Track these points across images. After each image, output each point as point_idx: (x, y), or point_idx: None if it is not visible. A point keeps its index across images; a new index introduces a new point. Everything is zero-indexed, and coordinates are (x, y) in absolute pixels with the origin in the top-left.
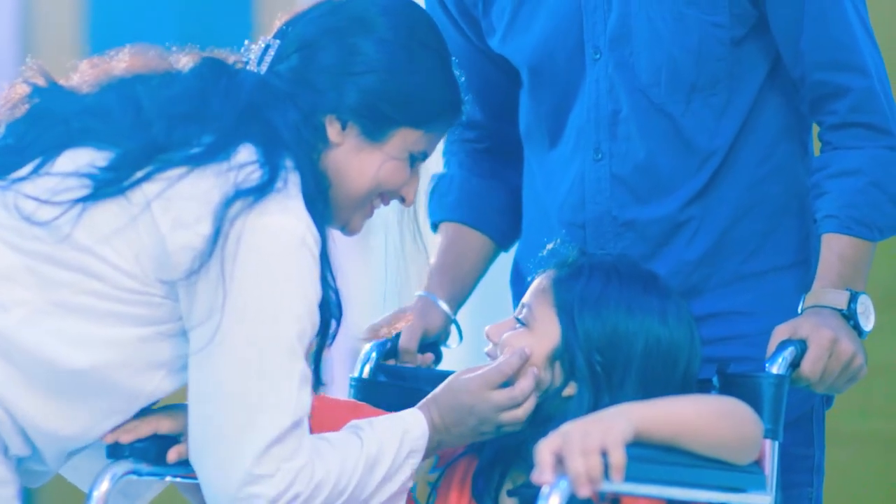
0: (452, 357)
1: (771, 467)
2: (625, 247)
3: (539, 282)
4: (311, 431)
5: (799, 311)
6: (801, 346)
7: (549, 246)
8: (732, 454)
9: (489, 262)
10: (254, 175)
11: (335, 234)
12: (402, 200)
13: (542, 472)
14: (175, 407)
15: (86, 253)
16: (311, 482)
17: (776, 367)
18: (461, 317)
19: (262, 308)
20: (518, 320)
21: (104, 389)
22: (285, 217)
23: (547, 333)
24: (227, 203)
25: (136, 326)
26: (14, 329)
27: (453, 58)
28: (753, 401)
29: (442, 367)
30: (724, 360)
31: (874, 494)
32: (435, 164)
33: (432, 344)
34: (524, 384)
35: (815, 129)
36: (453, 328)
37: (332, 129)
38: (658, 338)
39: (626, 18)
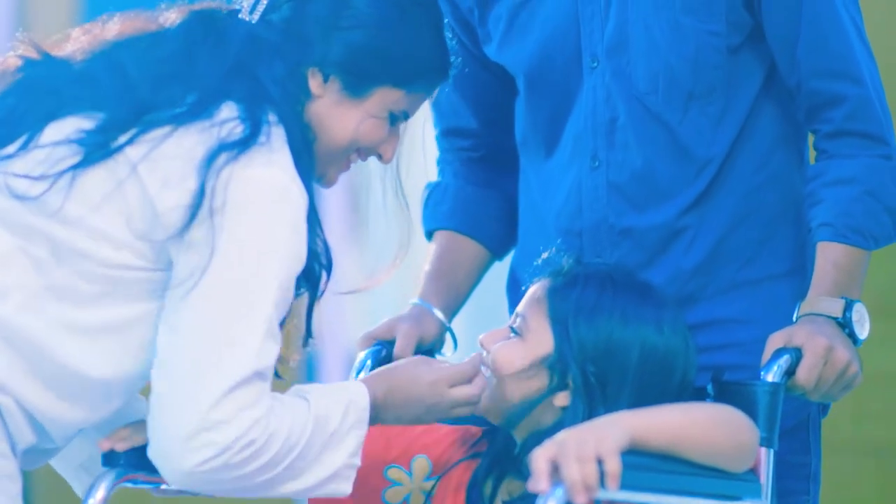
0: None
1: (766, 475)
2: (621, 255)
3: (534, 291)
4: None
5: (794, 319)
6: (797, 355)
7: (545, 255)
8: (728, 462)
9: (483, 271)
10: (236, 130)
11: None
12: (380, 157)
13: (539, 480)
14: None
15: (77, 228)
16: (265, 433)
17: (771, 375)
18: (456, 325)
19: (243, 256)
20: (512, 329)
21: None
22: (269, 169)
23: (540, 343)
24: (211, 158)
25: (130, 304)
26: (13, 316)
27: (445, 20)
28: (748, 409)
29: None
30: (720, 367)
31: (870, 502)
32: (426, 170)
33: (427, 352)
34: (479, 382)
35: (811, 137)
36: (448, 336)
37: (314, 82)
38: (654, 347)
39: (623, 26)
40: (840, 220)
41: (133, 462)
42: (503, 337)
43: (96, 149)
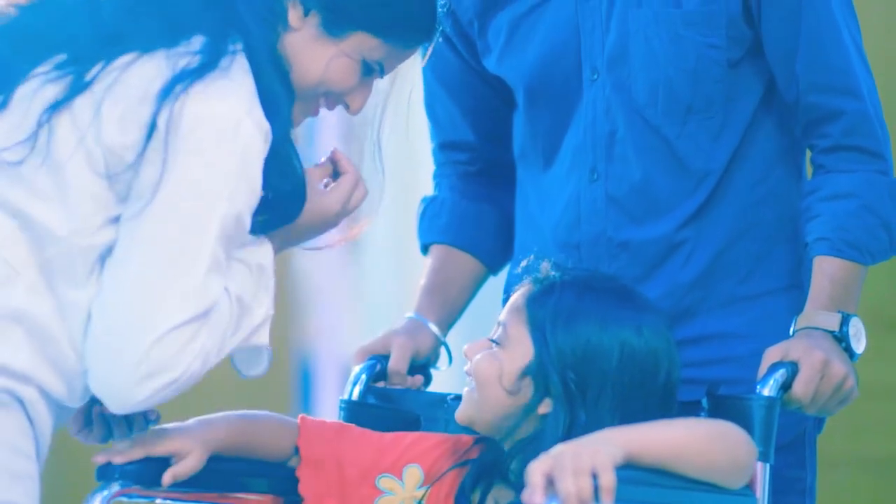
0: (442, 379)
1: (762, 490)
2: (619, 268)
3: (514, 299)
4: (300, 454)
5: (791, 332)
6: (793, 369)
7: (523, 263)
8: (724, 478)
9: (479, 285)
10: (195, 59)
11: (328, 269)
12: (347, 108)
13: (533, 493)
14: (166, 430)
15: (61, 175)
16: (206, 359)
17: (767, 390)
18: (451, 338)
19: (186, 193)
20: (493, 340)
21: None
22: (222, 102)
23: (520, 352)
24: (167, 89)
25: None
26: (24, 301)
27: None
28: (744, 423)
29: (431, 389)
30: (717, 381)
31: None
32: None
33: (422, 366)
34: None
35: (809, 153)
36: (443, 350)
37: (294, 13)
38: (633, 349)
39: (624, 39)
40: (837, 234)
41: (128, 475)
42: (486, 347)
43: (73, 82)
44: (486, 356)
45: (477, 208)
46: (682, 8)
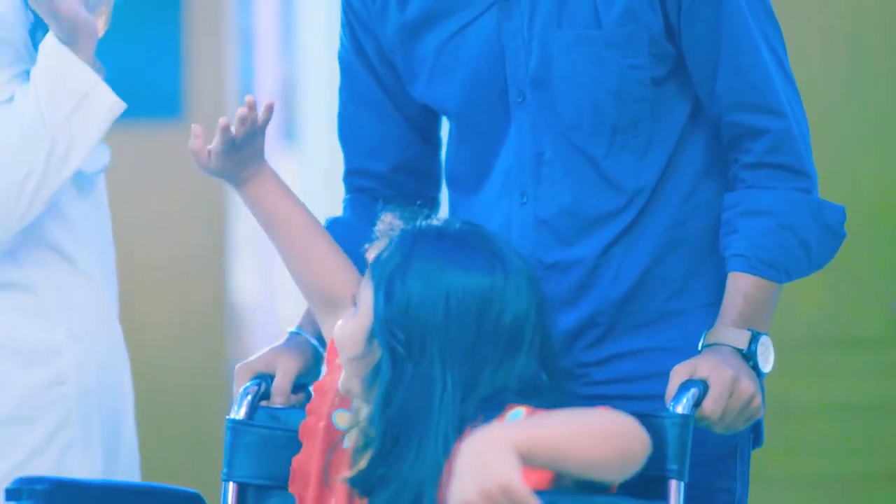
0: None
1: None
2: (549, 289)
3: (368, 258)
4: None
5: (699, 347)
6: (704, 386)
7: (387, 218)
8: (611, 475)
9: None
10: None
11: None
12: None
13: None
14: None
15: None
16: None
17: (681, 407)
18: None
19: None
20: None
21: None
22: None
23: (365, 314)
24: None
25: None
26: None
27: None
28: (657, 441)
29: None
30: (648, 396)
31: None
32: None
33: (305, 384)
34: None
35: None
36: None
37: None
38: (461, 296)
39: (546, 61)
40: (752, 252)
41: (38, 496)
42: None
43: None
44: (343, 322)
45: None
46: (603, 29)
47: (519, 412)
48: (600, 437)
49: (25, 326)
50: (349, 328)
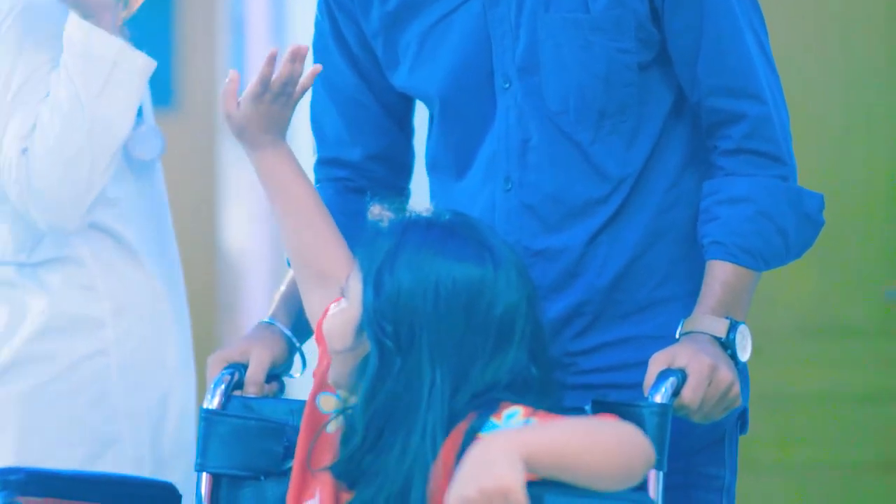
0: (296, 387)
1: (657, 498)
2: (536, 276)
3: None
4: None
5: (677, 335)
6: (683, 375)
7: (376, 209)
8: (614, 486)
9: None
10: None
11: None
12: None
13: None
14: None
15: None
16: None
17: (659, 396)
18: (306, 347)
19: None
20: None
21: None
22: None
23: (355, 305)
24: None
25: None
26: None
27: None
28: None
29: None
30: (637, 385)
31: None
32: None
33: (276, 374)
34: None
35: None
36: (297, 357)
37: None
38: (450, 288)
39: (533, 46)
40: (731, 239)
41: (11, 486)
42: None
43: None
44: (332, 314)
45: (348, 223)
46: (591, 13)
47: (516, 411)
48: (610, 451)
49: (73, 297)
50: (338, 320)
